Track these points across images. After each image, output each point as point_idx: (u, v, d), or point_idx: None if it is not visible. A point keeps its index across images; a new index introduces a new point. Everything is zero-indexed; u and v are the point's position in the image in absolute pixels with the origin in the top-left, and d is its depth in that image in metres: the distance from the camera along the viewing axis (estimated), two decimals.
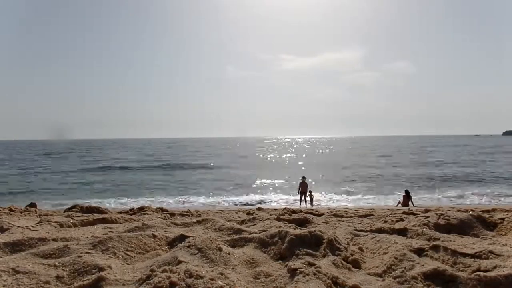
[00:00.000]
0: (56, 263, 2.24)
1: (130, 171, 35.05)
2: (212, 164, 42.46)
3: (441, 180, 26.11)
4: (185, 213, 5.34)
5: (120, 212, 5.31)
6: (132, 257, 2.55)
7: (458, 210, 4.62)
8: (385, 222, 4.10)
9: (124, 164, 42.00)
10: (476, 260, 2.29)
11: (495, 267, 2.10)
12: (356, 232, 3.30)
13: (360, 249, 2.76)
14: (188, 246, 2.46)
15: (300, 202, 16.72)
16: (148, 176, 30.16)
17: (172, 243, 2.87)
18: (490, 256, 2.34)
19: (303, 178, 16.99)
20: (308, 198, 16.80)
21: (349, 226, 3.87)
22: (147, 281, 1.91)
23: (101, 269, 2.11)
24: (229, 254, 2.44)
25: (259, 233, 3.09)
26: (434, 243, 2.63)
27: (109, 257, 2.43)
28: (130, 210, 5.63)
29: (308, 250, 2.53)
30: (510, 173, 29.25)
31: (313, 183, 24.24)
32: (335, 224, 4.08)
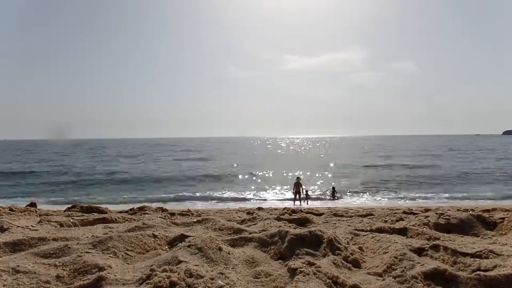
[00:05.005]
0: (56, 262, 2.23)
1: None
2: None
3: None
4: (185, 212, 5.34)
5: (120, 212, 5.31)
6: (132, 256, 2.55)
7: (458, 210, 4.62)
8: (385, 221, 4.10)
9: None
10: (476, 259, 2.29)
11: (495, 266, 2.10)
12: (356, 231, 3.30)
13: (360, 248, 2.76)
14: (188, 246, 2.46)
15: (295, 201, 17.41)
16: None
17: (172, 243, 2.87)
18: (490, 255, 2.34)
19: (298, 178, 17.68)
20: (303, 197, 17.51)
21: (349, 225, 3.87)
22: (147, 281, 1.91)
23: (101, 268, 2.11)
24: (229, 253, 2.44)
25: (259, 232, 3.09)
26: (434, 242, 2.63)
27: (109, 256, 2.43)
28: (130, 209, 5.63)
29: (308, 250, 2.53)
30: None
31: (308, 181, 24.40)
32: (335, 223, 4.08)
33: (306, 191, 17.78)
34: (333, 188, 20.66)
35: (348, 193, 21.31)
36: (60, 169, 36.30)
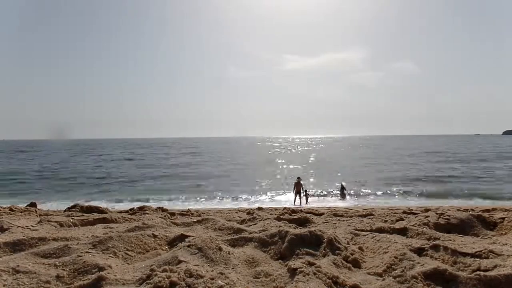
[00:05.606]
0: (57, 262, 2.24)
1: None
2: None
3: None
4: (185, 212, 5.34)
5: (120, 212, 5.31)
6: (132, 256, 2.55)
7: (458, 210, 4.62)
8: (385, 221, 4.10)
9: None
10: (476, 259, 2.29)
11: (495, 266, 2.10)
12: (356, 231, 3.30)
13: (360, 248, 2.76)
14: (188, 246, 2.46)
15: (295, 200, 17.60)
16: None
17: (172, 243, 2.87)
18: (490, 255, 2.34)
19: (298, 178, 17.86)
20: (303, 197, 17.67)
21: (349, 225, 3.87)
22: (147, 281, 1.91)
23: (101, 268, 2.11)
24: (229, 253, 2.44)
25: (259, 232, 3.09)
26: (434, 242, 2.63)
27: (109, 256, 2.43)
28: (130, 209, 5.63)
29: (308, 250, 2.53)
30: None
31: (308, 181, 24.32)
32: (335, 223, 4.08)
33: (306, 191, 17.87)
34: (342, 185, 20.53)
35: (360, 193, 21.07)
36: None
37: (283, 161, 45.76)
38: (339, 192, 20.41)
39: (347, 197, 19.97)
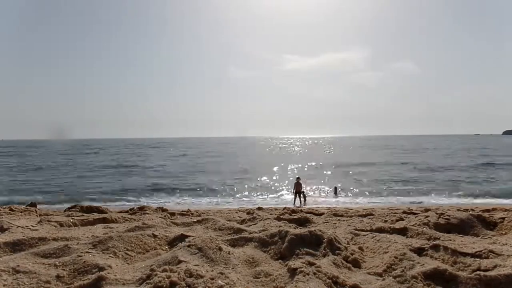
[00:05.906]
0: (57, 262, 2.24)
1: None
2: None
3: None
4: (185, 212, 5.34)
5: (120, 212, 5.31)
6: (133, 256, 2.55)
7: (458, 210, 4.62)
8: (385, 221, 4.11)
9: None
10: (476, 259, 2.29)
11: (495, 266, 2.10)
12: (356, 231, 3.30)
13: (360, 248, 2.76)
14: (188, 246, 2.46)
15: (295, 200, 17.59)
16: None
17: (172, 243, 2.87)
18: (490, 255, 2.34)
19: (298, 178, 17.88)
20: (302, 198, 17.70)
21: (349, 225, 3.88)
22: (147, 281, 1.91)
23: (101, 268, 2.11)
24: (229, 253, 2.44)
25: (259, 232, 3.09)
26: (434, 242, 2.63)
27: (109, 256, 2.43)
28: (130, 209, 5.63)
29: (308, 250, 2.53)
30: None
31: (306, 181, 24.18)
32: (335, 223, 4.08)
33: (303, 192, 17.91)
34: (335, 188, 21.05)
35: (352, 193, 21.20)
36: None
37: (284, 161, 45.85)
38: (333, 192, 20.86)
39: (339, 195, 20.45)
